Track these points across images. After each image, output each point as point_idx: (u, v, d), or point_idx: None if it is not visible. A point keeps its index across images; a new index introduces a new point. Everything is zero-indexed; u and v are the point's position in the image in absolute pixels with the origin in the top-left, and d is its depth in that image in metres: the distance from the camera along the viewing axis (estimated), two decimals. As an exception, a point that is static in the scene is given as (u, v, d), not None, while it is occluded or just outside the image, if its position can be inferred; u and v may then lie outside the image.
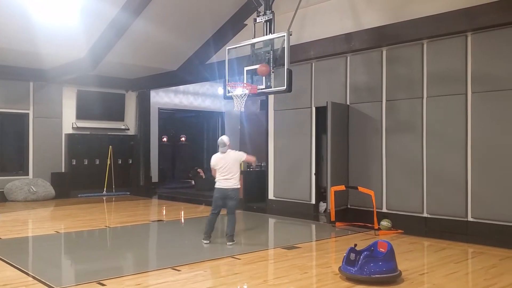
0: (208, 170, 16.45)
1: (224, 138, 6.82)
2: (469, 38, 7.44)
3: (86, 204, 11.42)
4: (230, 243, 6.63)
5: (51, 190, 12.37)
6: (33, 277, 4.96)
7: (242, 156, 6.88)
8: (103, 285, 4.66)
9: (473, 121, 7.39)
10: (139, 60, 11.69)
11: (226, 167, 6.66)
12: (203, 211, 10.76)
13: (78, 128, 13.38)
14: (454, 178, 7.54)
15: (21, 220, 9.18)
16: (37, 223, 9.08)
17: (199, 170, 15.61)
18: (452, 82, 7.60)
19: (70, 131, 13.28)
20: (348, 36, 8.74)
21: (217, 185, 6.73)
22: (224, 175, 6.65)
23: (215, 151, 7.03)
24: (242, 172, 11.45)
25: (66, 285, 4.80)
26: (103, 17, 9.33)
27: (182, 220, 9.60)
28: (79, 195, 12.89)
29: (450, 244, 6.73)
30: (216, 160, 6.77)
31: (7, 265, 5.50)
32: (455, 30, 7.43)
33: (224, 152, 6.72)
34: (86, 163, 13.34)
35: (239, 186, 6.76)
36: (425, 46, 7.94)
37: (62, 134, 13.14)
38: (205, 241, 6.77)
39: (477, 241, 6.82)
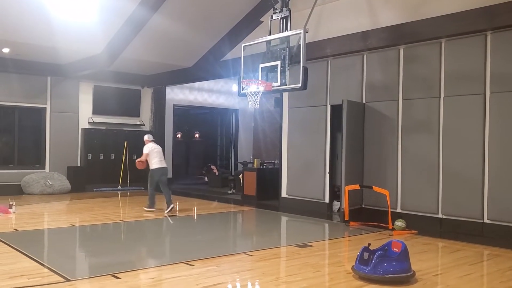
0: (222, 167, 16.63)
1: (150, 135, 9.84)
2: (488, 38, 7.33)
3: (101, 198, 11.55)
4: (172, 205, 9.25)
5: (67, 184, 12.53)
6: (49, 269, 5.03)
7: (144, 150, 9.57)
8: (118, 278, 4.71)
9: (491, 121, 7.29)
10: (155, 56, 11.75)
11: (160, 152, 9.56)
12: (216, 207, 10.82)
13: (94, 123, 13.52)
14: (470, 179, 7.44)
15: (37, 213, 9.32)
16: (53, 216, 9.20)
17: (212, 166, 15.66)
18: (470, 82, 7.50)
19: (87, 126, 13.42)
20: (365, 34, 8.68)
21: (157, 166, 9.39)
22: (160, 159, 9.47)
23: (229, 148, 7.18)
24: (255, 170, 11.59)
25: (81, 277, 4.86)
26: (121, 13, 9.40)
27: (195, 216, 9.64)
28: (94, 189, 13.03)
29: (465, 245, 6.66)
30: (152, 147, 9.52)
31: (24, 256, 5.59)
32: (474, 29, 7.33)
33: (156, 142, 9.76)
34: (101, 157, 13.47)
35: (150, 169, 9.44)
36: (443, 45, 7.85)
37: (79, 129, 13.28)
38: (151, 209, 9.32)
39: (493, 243, 6.73)
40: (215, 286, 4.54)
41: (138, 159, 9.64)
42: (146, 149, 9.57)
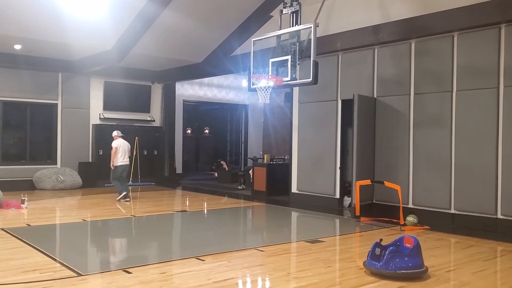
0: (232, 163, 16.63)
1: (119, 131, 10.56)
2: (502, 30, 7.21)
3: (112, 194, 11.60)
4: (125, 192, 10.22)
5: (78, 180, 12.62)
6: (61, 263, 5.06)
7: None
8: (129, 273, 4.72)
9: (504, 116, 7.18)
10: (165, 52, 11.76)
11: (125, 149, 10.30)
12: (226, 202, 10.82)
13: (105, 119, 13.59)
14: (483, 174, 7.35)
15: (49, 208, 9.39)
16: (64, 211, 9.27)
17: (222, 162, 15.67)
18: (483, 76, 7.39)
19: (98, 121, 13.49)
20: (376, 28, 8.59)
21: (120, 163, 10.21)
22: (124, 156, 10.25)
23: (239, 144, 7.18)
24: (265, 165, 11.57)
25: (93, 272, 4.88)
26: (131, 9, 9.40)
27: (205, 211, 9.66)
28: (105, 185, 13.08)
29: (478, 241, 6.58)
30: (120, 143, 10.23)
31: (36, 251, 5.63)
32: (488, 22, 7.22)
33: (124, 138, 10.46)
34: (112, 153, 13.52)
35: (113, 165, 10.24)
36: (455, 38, 7.74)
37: (90, 125, 13.36)
38: (124, 194, 10.20)
39: (506, 239, 6.65)
40: (226, 281, 4.53)
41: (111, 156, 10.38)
42: (114, 143, 10.36)
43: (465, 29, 7.55)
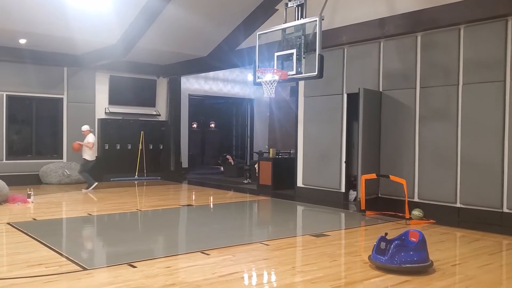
0: (237, 157, 16.64)
1: (82, 127, 11.03)
2: (509, 23, 7.13)
3: (118, 188, 11.66)
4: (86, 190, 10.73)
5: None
6: (67, 258, 5.09)
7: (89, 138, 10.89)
8: (134, 267, 4.74)
9: (511, 109, 7.12)
10: (170, 46, 11.74)
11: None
12: (232, 197, 10.83)
13: (110, 113, 13.62)
14: (489, 168, 7.31)
15: (55, 203, 9.44)
16: (70, 205, 9.32)
17: (228, 156, 15.68)
18: (490, 69, 7.33)
19: (103, 116, 13.52)
20: (381, 21, 8.53)
21: (92, 158, 10.84)
22: (94, 151, 10.80)
23: (244, 138, 7.18)
24: (270, 159, 11.57)
25: (98, 266, 4.91)
26: (135, 3, 9.39)
27: (211, 206, 9.67)
28: (111, 179, 13.16)
29: (484, 235, 6.55)
30: (95, 138, 10.93)
31: (42, 245, 5.66)
32: (494, 14, 7.14)
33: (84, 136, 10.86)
34: (118, 147, 13.58)
35: (84, 156, 10.91)
36: (462, 31, 7.67)
37: (95, 119, 13.39)
38: (94, 185, 10.81)
39: (512, 233, 6.62)
40: (231, 275, 4.54)
41: (84, 144, 10.79)
42: (92, 138, 10.91)
43: (472, 22, 7.48)
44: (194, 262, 5.02)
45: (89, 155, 10.88)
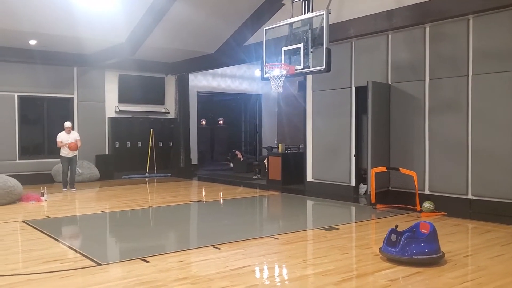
0: (246, 153, 16.67)
1: (68, 123, 10.74)
2: (518, 12, 7.07)
3: (129, 185, 11.76)
4: (75, 189, 10.67)
5: (96, 172, 12.80)
6: (81, 254, 5.16)
7: (77, 136, 10.79)
8: (147, 261, 4.80)
9: (522, 99, 7.07)
10: (177, 44, 11.78)
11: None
12: (242, 192, 10.87)
13: (120, 111, 13.71)
14: (500, 159, 7.26)
15: (68, 200, 9.56)
16: (83, 203, 9.42)
17: (237, 152, 15.71)
18: (499, 59, 7.26)
19: (113, 114, 13.62)
20: (389, 13, 8.48)
21: (63, 154, 10.61)
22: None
23: (253, 134, 7.19)
24: (279, 154, 11.58)
25: (112, 262, 4.97)
26: (142, 2, 9.43)
27: (221, 201, 9.72)
28: (122, 177, 13.27)
29: (496, 226, 6.53)
30: (63, 137, 10.59)
31: (56, 242, 5.76)
32: (504, 3, 7.06)
33: (69, 133, 10.64)
34: (128, 145, 13.69)
35: (76, 154, 10.81)
36: (471, 21, 7.61)
37: (106, 118, 13.49)
38: (65, 189, 10.61)
39: (525, 223, 6.58)
40: (242, 268, 4.58)
41: (78, 141, 10.75)
42: (78, 136, 10.88)
43: (480, 12, 7.41)
44: (206, 256, 5.07)
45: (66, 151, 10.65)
